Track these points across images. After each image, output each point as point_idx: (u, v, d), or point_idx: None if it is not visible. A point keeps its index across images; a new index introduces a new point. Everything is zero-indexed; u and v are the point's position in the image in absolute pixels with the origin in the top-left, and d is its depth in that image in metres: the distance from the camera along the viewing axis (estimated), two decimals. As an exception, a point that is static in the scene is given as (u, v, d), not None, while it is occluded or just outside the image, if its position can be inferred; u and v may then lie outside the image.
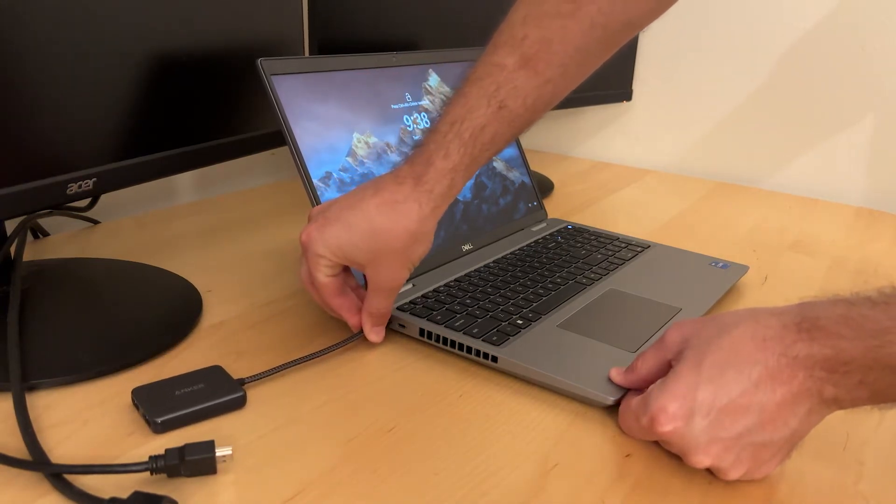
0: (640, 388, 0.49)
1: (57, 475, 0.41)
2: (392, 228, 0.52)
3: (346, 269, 0.57)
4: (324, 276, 0.55)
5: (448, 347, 0.58)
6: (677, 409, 0.43)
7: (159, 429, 0.46)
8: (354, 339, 0.59)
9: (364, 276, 0.56)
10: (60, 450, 0.45)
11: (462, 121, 0.53)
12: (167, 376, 0.51)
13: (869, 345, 0.39)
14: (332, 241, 0.53)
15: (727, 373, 0.42)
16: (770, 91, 1.17)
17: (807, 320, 0.42)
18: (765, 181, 1.20)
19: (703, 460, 0.43)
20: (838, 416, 0.44)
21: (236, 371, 0.53)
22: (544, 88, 0.54)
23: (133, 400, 0.49)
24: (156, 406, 0.47)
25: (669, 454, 0.46)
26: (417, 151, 0.55)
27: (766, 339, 0.42)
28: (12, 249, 0.64)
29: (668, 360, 0.47)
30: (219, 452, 0.43)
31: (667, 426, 0.43)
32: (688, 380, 0.43)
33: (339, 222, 0.53)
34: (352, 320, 0.58)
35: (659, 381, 0.46)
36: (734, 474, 0.43)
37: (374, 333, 0.58)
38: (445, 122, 0.54)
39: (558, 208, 1.00)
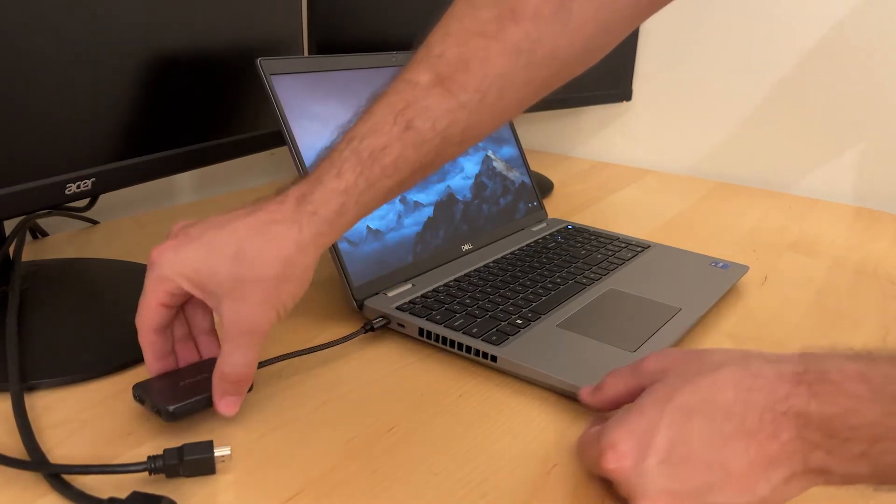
0: (605, 410, 0.47)
1: (55, 475, 0.41)
2: (262, 253, 0.43)
3: (185, 310, 0.50)
4: (156, 302, 0.46)
5: (448, 347, 0.58)
6: (629, 449, 0.38)
7: (170, 417, 0.45)
8: (354, 337, 0.58)
9: (218, 319, 0.46)
10: (60, 450, 0.44)
11: (362, 138, 0.46)
12: (166, 376, 0.51)
13: (887, 409, 0.33)
14: (187, 263, 0.44)
15: (694, 419, 0.37)
16: (770, 91, 1.17)
17: (811, 372, 0.36)
18: (765, 181, 1.20)
19: None
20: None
21: (236, 371, 0.53)
22: (458, 114, 0.47)
23: (135, 395, 0.48)
24: (163, 396, 0.46)
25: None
26: (308, 170, 0.47)
27: (751, 390, 0.37)
28: (11, 249, 0.64)
29: (640, 386, 0.43)
30: (217, 452, 0.42)
31: (612, 464, 0.39)
32: (649, 417, 0.39)
33: (200, 241, 0.45)
34: (152, 365, 0.48)
35: (622, 409, 0.42)
36: None
37: (226, 403, 0.46)
38: (344, 139, 0.47)
39: (558, 208, 1.00)
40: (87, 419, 0.48)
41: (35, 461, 0.43)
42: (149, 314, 0.46)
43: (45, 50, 0.52)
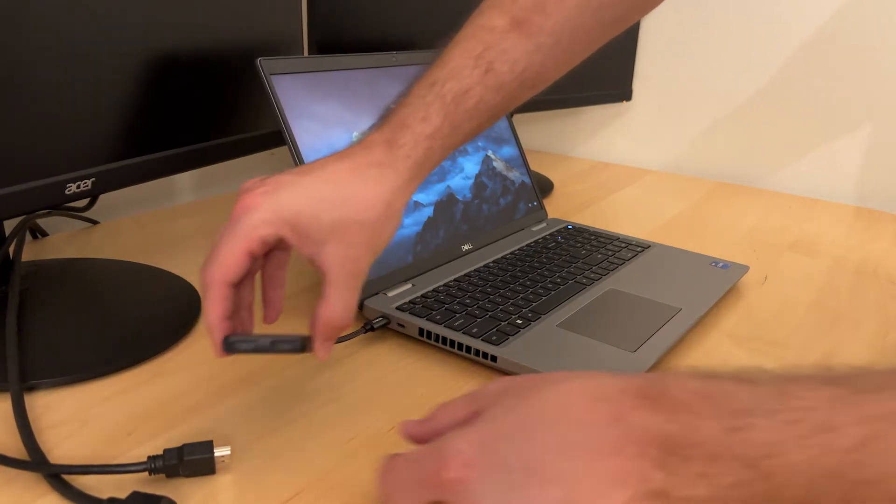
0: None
1: (55, 475, 0.41)
2: (365, 195, 0.44)
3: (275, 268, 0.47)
4: (245, 248, 0.41)
5: (447, 347, 0.58)
6: (475, 457, 0.33)
7: (303, 348, 0.42)
8: (354, 336, 0.58)
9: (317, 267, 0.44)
10: (59, 450, 0.44)
11: (444, 82, 0.48)
12: (167, 376, 0.51)
13: (726, 425, 0.30)
14: (287, 206, 0.42)
15: (540, 430, 0.33)
16: (769, 91, 1.17)
17: (653, 387, 0.33)
18: (765, 181, 1.20)
19: None
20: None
21: (235, 371, 0.53)
22: (535, 56, 0.49)
23: (232, 345, 0.42)
24: (271, 337, 0.42)
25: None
26: (388, 117, 0.48)
27: (597, 400, 0.33)
28: (11, 249, 0.64)
29: (477, 411, 0.37)
30: (217, 453, 0.42)
31: (455, 472, 0.33)
32: (494, 427, 0.34)
33: (297, 186, 0.43)
34: (219, 324, 0.42)
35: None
36: None
37: (326, 349, 0.44)
38: (423, 85, 0.48)
39: (558, 208, 1.00)
40: (88, 419, 0.48)
41: (35, 461, 0.43)
42: (231, 264, 0.42)
43: (46, 50, 0.52)
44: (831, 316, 0.69)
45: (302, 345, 0.42)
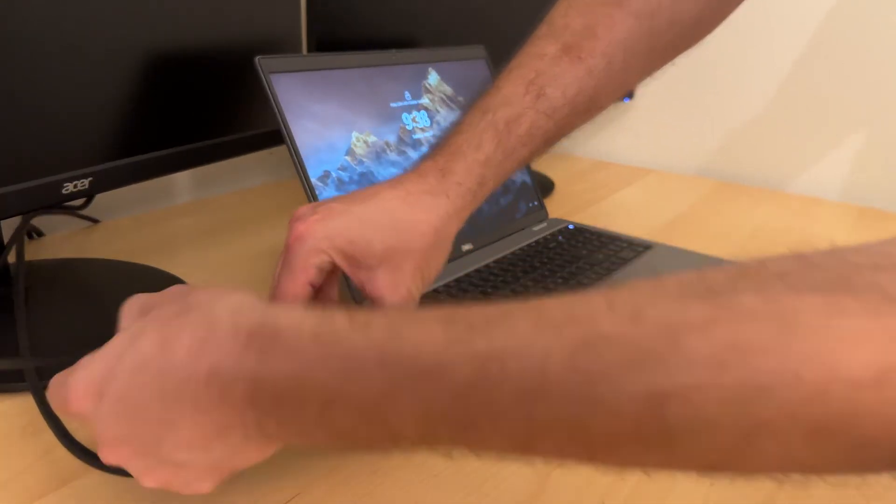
0: None
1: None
2: (417, 223, 0.44)
3: (328, 287, 0.47)
4: (305, 279, 0.42)
5: (448, 347, 0.57)
6: (87, 394, 0.34)
7: None
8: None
9: (364, 289, 0.45)
10: (59, 450, 0.44)
11: (496, 109, 0.48)
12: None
13: (336, 369, 0.29)
14: (340, 234, 0.43)
15: (147, 371, 0.32)
16: (771, 90, 1.16)
17: (267, 329, 0.31)
18: (767, 180, 1.19)
19: (107, 456, 0.34)
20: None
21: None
22: (586, 81, 0.50)
23: None
24: None
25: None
26: (440, 145, 0.49)
27: (204, 343, 0.32)
28: (13, 251, 0.63)
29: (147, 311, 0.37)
30: None
31: (73, 408, 0.34)
32: (109, 363, 0.34)
33: (350, 214, 0.43)
34: None
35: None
36: (147, 483, 0.35)
37: None
38: (476, 112, 0.49)
39: (559, 208, 1.00)
40: (84, 420, 0.47)
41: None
42: (298, 294, 0.42)
43: (43, 48, 0.51)
44: (834, 316, 0.69)
45: None
